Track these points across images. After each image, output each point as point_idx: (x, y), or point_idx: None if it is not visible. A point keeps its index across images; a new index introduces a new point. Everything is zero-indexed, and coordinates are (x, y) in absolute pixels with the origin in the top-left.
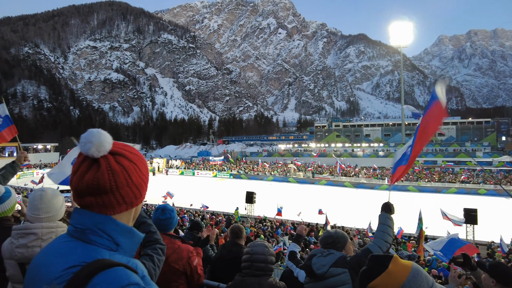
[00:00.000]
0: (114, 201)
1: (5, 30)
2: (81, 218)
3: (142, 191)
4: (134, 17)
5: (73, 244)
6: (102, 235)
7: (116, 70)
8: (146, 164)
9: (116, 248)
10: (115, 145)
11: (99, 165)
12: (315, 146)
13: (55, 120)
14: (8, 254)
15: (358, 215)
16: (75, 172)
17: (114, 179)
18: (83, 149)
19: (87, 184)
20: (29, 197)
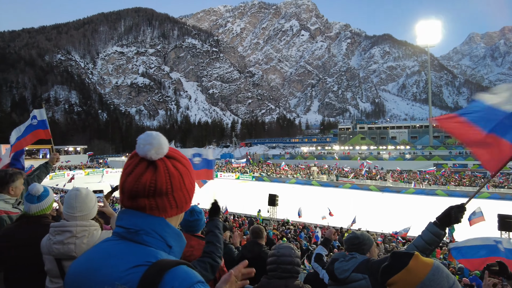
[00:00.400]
0: (167, 204)
1: (41, 39)
2: (134, 219)
3: (192, 196)
4: (159, 22)
5: (127, 245)
6: (156, 237)
7: (142, 75)
8: (193, 170)
9: (169, 250)
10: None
11: (156, 167)
12: (339, 149)
13: (84, 123)
14: (46, 249)
15: (384, 219)
16: (129, 173)
17: (170, 182)
18: (141, 150)
19: (144, 186)
20: (65, 196)
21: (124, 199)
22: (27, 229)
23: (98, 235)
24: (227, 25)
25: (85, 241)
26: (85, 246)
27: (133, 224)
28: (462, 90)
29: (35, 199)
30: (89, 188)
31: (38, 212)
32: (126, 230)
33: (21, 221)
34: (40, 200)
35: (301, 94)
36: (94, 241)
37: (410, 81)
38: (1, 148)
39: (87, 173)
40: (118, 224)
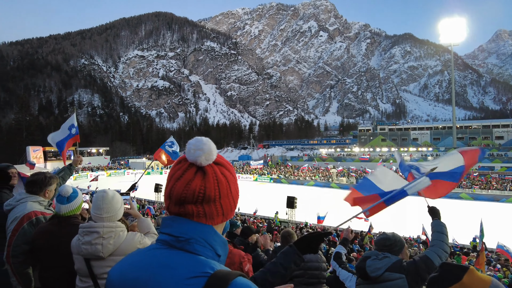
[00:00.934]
0: (214, 212)
1: (66, 44)
2: (183, 227)
3: (237, 203)
4: (178, 26)
5: (179, 255)
6: (206, 246)
7: (162, 78)
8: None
9: (218, 259)
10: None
11: (205, 173)
12: (359, 151)
13: (106, 126)
14: (75, 249)
15: (405, 223)
16: (177, 178)
17: (218, 188)
18: (192, 156)
19: (194, 192)
20: (93, 198)
21: (171, 204)
22: (59, 229)
23: (124, 236)
24: (245, 28)
25: (112, 242)
26: (112, 247)
27: (183, 233)
28: (488, 89)
29: (65, 200)
30: (116, 190)
31: (68, 213)
32: (175, 238)
33: (53, 221)
34: (70, 201)
35: (320, 95)
36: (120, 242)
37: (432, 81)
38: (29, 149)
39: (109, 174)
40: (165, 231)
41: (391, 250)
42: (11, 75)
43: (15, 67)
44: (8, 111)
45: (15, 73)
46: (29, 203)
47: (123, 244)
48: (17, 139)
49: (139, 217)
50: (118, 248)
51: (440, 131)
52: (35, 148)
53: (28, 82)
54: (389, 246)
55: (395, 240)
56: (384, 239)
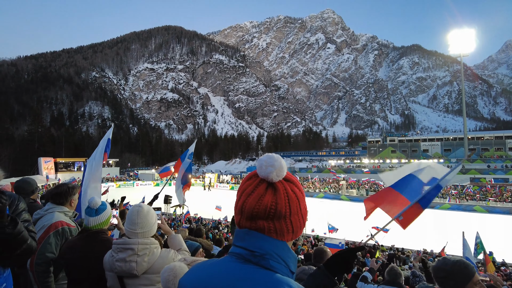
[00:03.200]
0: (284, 228)
1: (78, 58)
2: (258, 242)
3: (305, 221)
4: (188, 39)
5: (255, 270)
6: (281, 262)
7: (171, 90)
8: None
9: (292, 276)
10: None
11: (276, 189)
12: (368, 162)
13: (116, 137)
14: (108, 266)
15: (417, 236)
16: (249, 193)
17: (289, 205)
18: (264, 172)
19: (265, 207)
20: (128, 212)
21: (243, 219)
22: (86, 244)
23: (158, 253)
24: (253, 41)
25: (146, 259)
26: (146, 265)
27: (259, 247)
28: (499, 100)
29: (93, 212)
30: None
31: (96, 226)
32: (251, 253)
33: (82, 235)
34: (98, 213)
35: (328, 106)
36: (154, 260)
37: (441, 92)
38: (41, 161)
39: (118, 186)
40: (240, 244)
41: (445, 284)
42: (25, 88)
43: (29, 80)
44: (22, 123)
45: (29, 86)
46: (56, 213)
47: (157, 261)
48: (30, 150)
49: (170, 234)
50: (152, 265)
51: (451, 142)
52: (46, 159)
53: (41, 94)
54: (443, 279)
55: (453, 271)
56: (438, 269)
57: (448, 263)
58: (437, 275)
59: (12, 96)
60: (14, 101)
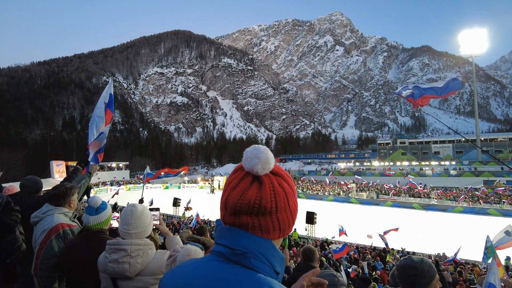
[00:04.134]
0: (270, 225)
1: (89, 63)
2: (240, 239)
3: (295, 219)
4: (196, 43)
5: (235, 269)
6: (265, 262)
7: (180, 94)
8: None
9: (276, 277)
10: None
11: (261, 183)
12: (378, 165)
13: (126, 141)
14: (102, 267)
15: (429, 240)
16: (233, 187)
17: (275, 200)
18: (249, 164)
19: (249, 202)
20: (121, 213)
21: (227, 214)
22: (87, 244)
23: (153, 254)
24: (262, 44)
25: (139, 260)
26: (139, 266)
27: (240, 245)
28: None
29: (93, 211)
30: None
31: (96, 225)
32: (232, 251)
33: (82, 235)
34: (98, 212)
35: (337, 109)
36: (148, 261)
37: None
38: (53, 164)
39: (128, 189)
40: (221, 242)
41: (416, 283)
42: (38, 93)
43: (42, 85)
44: (35, 127)
45: (42, 91)
46: (55, 215)
47: (152, 263)
48: (42, 154)
49: (168, 235)
50: (146, 267)
51: (463, 144)
52: (58, 162)
53: (54, 99)
54: (414, 277)
55: (423, 269)
56: (407, 267)
57: (416, 261)
58: (408, 273)
59: (26, 101)
60: (27, 106)
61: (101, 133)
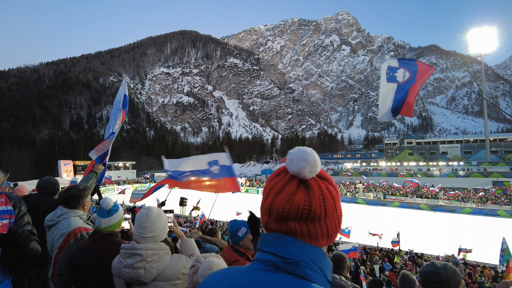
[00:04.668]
0: (319, 232)
1: (96, 63)
2: (291, 248)
3: (341, 225)
4: (203, 44)
5: (288, 280)
6: (318, 271)
7: (187, 94)
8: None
9: (330, 286)
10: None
11: (309, 187)
12: (385, 165)
13: (133, 140)
14: (116, 272)
15: (437, 241)
16: (277, 191)
17: (324, 205)
18: (295, 167)
19: (297, 207)
20: (136, 216)
21: (271, 221)
22: (98, 247)
23: (168, 259)
24: (268, 44)
25: (155, 265)
26: (155, 272)
27: (292, 254)
28: None
29: (105, 213)
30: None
31: (107, 228)
32: (283, 260)
33: (93, 238)
34: (110, 214)
35: (343, 108)
36: (164, 266)
37: (460, 93)
38: (61, 163)
39: (135, 188)
40: (269, 250)
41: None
42: (47, 93)
43: (50, 86)
44: (43, 127)
45: (50, 91)
46: (72, 219)
47: (167, 268)
48: (50, 153)
49: (183, 238)
50: (161, 272)
51: (472, 144)
52: (66, 162)
53: (61, 99)
54: (438, 283)
55: (447, 276)
56: (431, 274)
57: (440, 267)
58: (432, 280)
59: (34, 101)
60: (36, 106)
61: (112, 133)
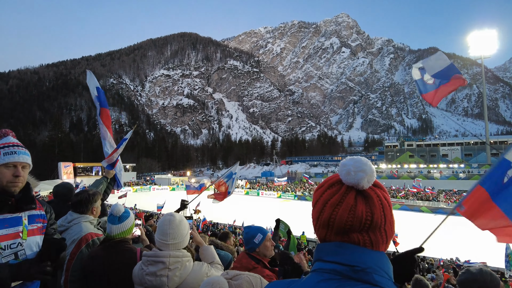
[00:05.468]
0: (380, 239)
1: (96, 65)
2: (356, 255)
3: (394, 230)
4: (203, 46)
5: (358, 287)
6: (385, 276)
7: (187, 96)
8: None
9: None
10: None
11: (367, 197)
12: (386, 167)
13: (133, 142)
14: (138, 279)
15: (438, 244)
16: (336, 204)
17: (384, 214)
18: (353, 179)
19: (360, 219)
20: (159, 222)
21: (331, 234)
22: (109, 254)
23: (191, 267)
24: (268, 46)
25: (178, 273)
26: (178, 280)
27: (359, 261)
28: None
29: (116, 219)
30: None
31: (119, 235)
32: (350, 268)
33: (104, 245)
34: (121, 221)
35: (343, 111)
36: (186, 274)
37: (460, 95)
38: (61, 165)
39: (135, 190)
40: (333, 259)
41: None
42: (47, 95)
43: (51, 88)
44: (43, 129)
45: (50, 93)
46: (83, 224)
47: (190, 276)
48: (50, 155)
49: (203, 245)
50: (184, 280)
51: (472, 146)
52: (66, 164)
53: (61, 101)
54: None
55: (485, 280)
56: (468, 281)
57: (476, 273)
58: (471, 285)
59: (34, 103)
60: (36, 108)
61: (124, 139)
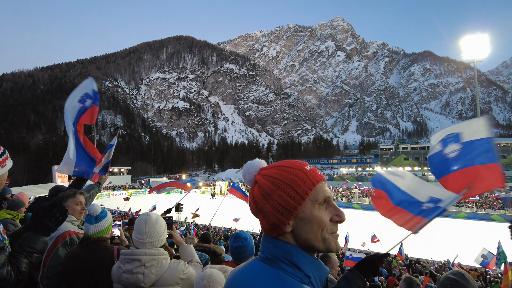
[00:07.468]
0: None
1: (92, 68)
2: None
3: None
4: (199, 49)
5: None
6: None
7: (182, 99)
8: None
9: (308, 281)
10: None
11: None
12: (381, 170)
13: (128, 146)
14: (116, 278)
15: (432, 246)
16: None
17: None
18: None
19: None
20: (136, 221)
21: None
22: (88, 253)
23: (167, 264)
24: (263, 49)
25: (154, 271)
26: (154, 277)
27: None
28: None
29: (93, 219)
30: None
31: (96, 234)
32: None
33: (83, 244)
34: (98, 221)
35: (338, 114)
36: (162, 271)
37: (454, 99)
38: (55, 169)
39: (130, 194)
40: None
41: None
42: (41, 98)
43: (45, 90)
44: (37, 132)
45: (45, 96)
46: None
47: (166, 273)
48: (44, 158)
49: (182, 244)
50: (160, 278)
51: None
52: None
53: (56, 104)
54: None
55: (466, 285)
56: (449, 284)
57: (457, 275)
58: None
59: (28, 106)
60: (30, 111)
61: (110, 146)
